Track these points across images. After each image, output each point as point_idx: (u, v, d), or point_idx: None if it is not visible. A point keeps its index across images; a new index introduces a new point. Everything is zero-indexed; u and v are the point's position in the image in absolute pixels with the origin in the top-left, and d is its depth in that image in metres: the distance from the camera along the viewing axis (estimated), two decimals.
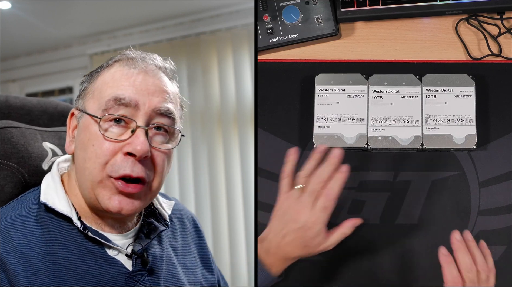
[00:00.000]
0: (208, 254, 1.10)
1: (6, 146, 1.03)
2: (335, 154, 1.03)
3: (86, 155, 0.89)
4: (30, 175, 1.04)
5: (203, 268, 1.08)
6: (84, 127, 0.91)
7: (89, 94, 0.93)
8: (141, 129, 0.88)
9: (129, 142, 0.87)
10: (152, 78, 0.92)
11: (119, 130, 0.89)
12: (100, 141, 0.88)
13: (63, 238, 0.89)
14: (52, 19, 3.05)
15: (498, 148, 1.18)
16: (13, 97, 1.16)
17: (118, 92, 0.89)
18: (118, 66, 0.93)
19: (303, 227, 1.01)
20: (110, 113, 0.88)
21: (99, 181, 0.88)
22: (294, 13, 1.24)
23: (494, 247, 1.14)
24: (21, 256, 0.84)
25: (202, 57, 3.04)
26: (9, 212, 0.91)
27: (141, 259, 0.92)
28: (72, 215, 0.90)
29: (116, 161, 0.87)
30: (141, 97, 0.89)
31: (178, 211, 1.11)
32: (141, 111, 0.89)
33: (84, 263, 0.88)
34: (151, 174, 0.90)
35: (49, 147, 1.05)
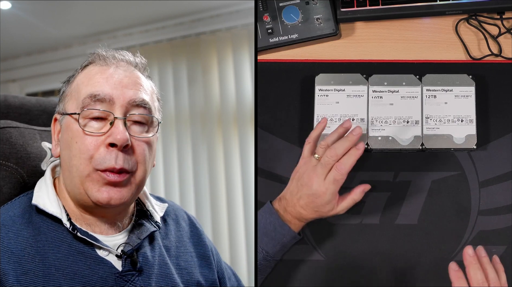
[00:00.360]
0: (207, 251, 1.11)
1: (4, 146, 1.03)
2: (356, 131, 1.08)
3: (71, 152, 0.92)
4: (29, 175, 1.04)
5: (201, 266, 1.08)
6: (66, 128, 0.94)
7: (68, 97, 0.97)
8: (119, 120, 0.92)
9: (109, 134, 0.91)
10: (125, 72, 0.96)
11: (98, 125, 0.92)
12: (82, 137, 0.91)
13: (54, 239, 0.91)
14: (52, 19, 3.05)
15: (498, 148, 1.18)
16: (12, 96, 1.15)
17: (93, 89, 0.93)
18: (91, 66, 0.98)
19: (314, 194, 1.07)
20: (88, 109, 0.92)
21: (87, 175, 0.91)
22: (294, 13, 1.24)
23: (494, 247, 1.14)
24: (11, 256, 0.86)
25: (202, 57, 3.04)
26: (2, 214, 0.93)
27: (131, 259, 0.94)
28: (62, 216, 0.92)
29: (100, 154, 0.91)
30: (115, 91, 0.93)
31: (173, 212, 1.12)
32: (117, 104, 0.93)
33: (74, 263, 0.89)
34: (133, 164, 0.93)
35: (47, 147, 1.05)
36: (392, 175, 1.18)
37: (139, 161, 0.94)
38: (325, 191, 1.06)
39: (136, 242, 0.96)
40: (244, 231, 2.87)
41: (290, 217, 1.10)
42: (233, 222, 2.90)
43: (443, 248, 1.15)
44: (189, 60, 3.09)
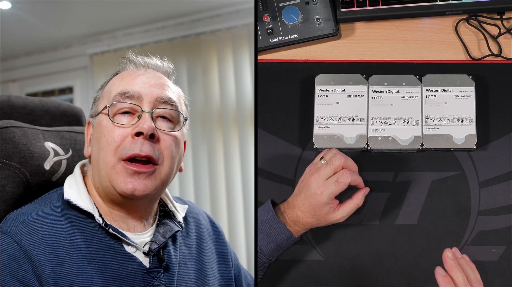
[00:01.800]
0: (225, 249, 1.15)
1: (8, 145, 1.04)
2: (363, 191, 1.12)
3: (100, 146, 0.96)
4: (32, 174, 1.05)
5: (219, 263, 1.12)
6: (97, 126, 0.99)
7: (100, 99, 1.02)
8: (146, 113, 0.96)
9: (136, 125, 0.95)
10: (154, 75, 1.02)
11: (127, 119, 0.96)
12: (110, 130, 0.96)
13: (86, 233, 0.94)
14: (52, 19, 3.05)
15: (498, 148, 1.18)
16: (15, 97, 1.16)
17: (123, 88, 0.98)
18: (123, 72, 1.04)
19: (312, 194, 1.07)
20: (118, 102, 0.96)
21: (112, 166, 0.95)
22: (294, 14, 1.24)
23: (494, 247, 1.14)
24: (46, 248, 0.90)
25: (202, 57, 3.05)
26: (34, 208, 0.96)
27: (157, 257, 0.98)
28: (94, 212, 0.96)
29: (126, 144, 0.95)
30: (143, 89, 0.98)
31: (194, 211, 1.16)
32: (145, 100, 0.97)
33: (105, 258, 0.93)
34: (160, 155, 0.96)
35: (51, 147, 1.07)
36: (392, 175, 1.18)
37: (165, 154, 0.97)
38: (323, 191, 1.06)
39: (162, 241, 1.00)
40: (244, 231, 2.87)
41: (288, 219, 1.10)
42: (233, 222, 2.90)
43: (443, 248, 1.15)
44: (189, 60, 3.09)
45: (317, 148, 1.18)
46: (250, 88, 2.91)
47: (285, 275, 1.16)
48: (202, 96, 3.02)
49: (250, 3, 2.79)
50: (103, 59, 3.33)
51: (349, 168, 1.09)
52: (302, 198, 1.08)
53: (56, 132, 1.12)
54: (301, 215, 1.09)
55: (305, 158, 1.19)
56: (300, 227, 1.10)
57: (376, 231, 1.17)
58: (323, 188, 1.07)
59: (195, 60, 3.07)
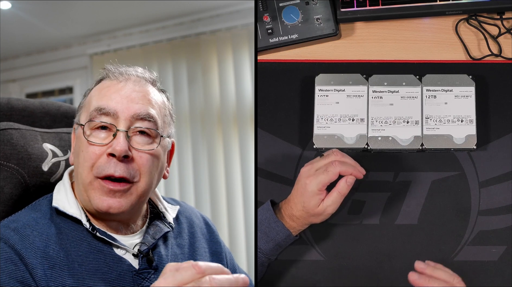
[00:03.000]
0: (219, 248, 1.15)
1: (5, 147, 1.04)
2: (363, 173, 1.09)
3: (78, 161, 0.98)
4: (30, 175, 1.05)
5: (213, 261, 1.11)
6: (77, 138, 1.00)
7: (82, 109, 1.02)
8: (121, 132, 0.96)
9: (110, 145, 0.95)
10: (133, 87, 1.00)
11: (104, 135, 0.97)
12: (87, 146, 0.96)
13: (75, 238, 0.95)
14: (52, 19, 3.05)
15: (498, 148, 1.18)
16: (15, 99, 1.16)
17: (100, 103, 0.98)
18: (104, 81, 1.03)
19: (302, 186, 1.07)
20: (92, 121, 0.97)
21: (88, 182, 0.96)
22: (294, 14, 1.24)
23: (494, 247, 1.14)
24: (37, 252, 0.91)
25: (202, 57, 3.05)
26: (24, 216, 0.98)
27: (147, 258, 0.98)
28: (81, 217, 0.97)
29: (100, 163, 0.95)
30: (120, 105, 0.97)
31: (187, 210, 1.16)
32: (121, 118, 0.96)
33: (94, 261, 0.94)
34: (136, 174, 0.96)
35: (49, 148, 1.08)
36: (392, 175, 1.18)
37: (141, 171, 0.97)
38: (312, 180, 1.06)
39: (151, 242, 1.00)
40: (244, 231, 2.87)
41: (285, 216, 1.10)
42: (233, 222, 2.90)
43: (443, 248, 1.15)
44: (189, 60, 3.09)
45: (317, 148, 1.18)
46: (250, 88, 2.91)
47: (285, 275, 1.16)
48: (202, 96, 3.02)
49: (250, 3, 2.79)
50: (103, 59, 3.33)
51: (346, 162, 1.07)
52: (295, 190, 1.09)
53: (55, 134, 1.12)
54: (294, 208, 1.09)
55: (305, 158, 1.19)
56: (296, 222, 1.10)
57: (376, 231, 1.17)
58: (312, 177, 1.06)
59: (195, 60, 3.07)
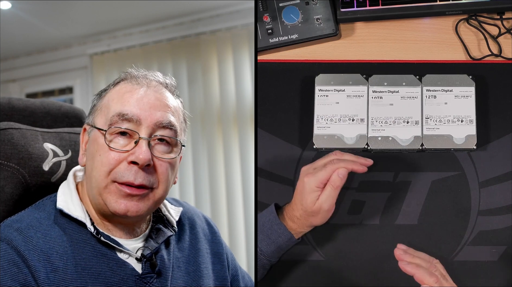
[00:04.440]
0: (221, 249, 1.15)
1: (6, 147, 1.04)
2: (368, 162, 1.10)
3: (93, 164, 0.96)
4: (31, 175, 1.05)
5: (214, 263, 1.12)
6: (93, 141, 0.98)
7: (98, 111, 1.00)
8: (143, 140, 0.95)
9: (132, 152, 0.94)
10: (155, 93, 0.99)
11: (124, 142, 0.95)
12: (106, 151, 0.95)
13: (78, 240, 0.95)
14: (52, 19, 3.05)
15: (498, 148, 1.18)
16: (16, 99, 1.16)
17: (122, 108, 0.96)
18: (123, 84, 1.01)
19: (300, 185, 1.08)
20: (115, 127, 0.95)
21: (104, 186, 0.95)
22: (294, 14, 1.24)
23: (494, 247, 1.14)
24: (40, 254, 0.90)
25: (202, 57, 3.05)
26: (28, 216, 0.97)
27: (150, 263, 0.98)
28: (86, 220, 0.96)
29: (120, 169, 0.94)
30: (143, 112, 0.96)
31: (189, 211, 1.16)
32: (143, 125, 0.95)
33: (97, 265, 0.93)
34: (154, 181, 0.96)
35: (50, 148, 1.08)
36: (392, 175, 1.18)
37: (160, 179, 0.97)
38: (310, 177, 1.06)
39: (154, 246, 1.00)
40: (244, 231, 2.87)
41: (288, 219, 1.10)
42: (233, 222, 2.90)
43: (443, 248, 1.16)
44: (189, 60, 3.09)
45: (317, 148, 1.18)
46: (250, 88, 2.91)
47: (285, 275, 1.16)
48: (202, 96, 3.02)
49: (250, 3, 2.79)
50: (103, 59, 3.33)
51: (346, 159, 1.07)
52: (295, 190, 1.09)
53: (56, 134, 1.12)
54: (295, 208, 1.09)
55: (305, 158, 1.19)
56: (297, 224, 1.10)
57: (376, 231, 1.17)
58: (310, 175, 1.06)
59: (195, 60, 3.07)
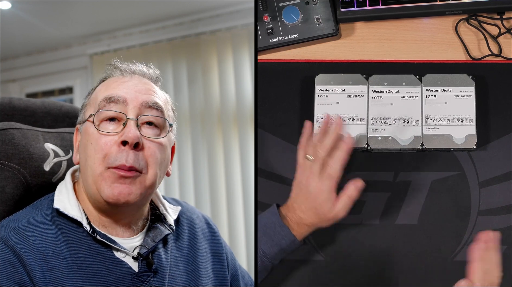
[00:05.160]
0: (220, 249, 1.14)
1: (7, 147, 1.04)
2: (336, 122, 1.10)
3: (87, 154, 0.97)
4: (32, 175, 1.05)
5: (214, 262, 1.12)
6: (84, 133, 0.99)
7: (87, 106, 1.02)
8: (131, 121, 0.96)
9: (122, 133, 0.95)
10: (139, 81, 1.02)
11: (113, 126, 0.97)
12: (97, 138, 0.96)
13: (75, 239, 0.95)
14: (52, 19, 3.05)
15: (498, 148, 1.18)
16: (17, 99, 1.16)
17: (108, 93, 0.99)
18: (109, 79, 1.04)
19: (312, 194, 1.07)
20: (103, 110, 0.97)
21: (99, 173, 0.95)
22: (294, 13, 1.24)
23: None
24: (37, 253, 0.91)
25: (202, 57, 3.05)
26: (25, 215, 0.98)
27: (147, 261, 0.98)
28: (82, 219, 0.96)
29: (112, 153, 0.95)
30: (129, 95, 0.98)
31: (188, 211, 1.16)
32: (129, 105, 0.97)
33: (94, 263, 0.94)
34: (144, 164, 0.97)
35: (50, 148, 1.08)
36: (392, 175, 1.18)
37: (149, 162, 0.97)
38: (322, 188, 1.07)
39: (151, 245, 1.00)
40: (244, 231, 2.87)
41: (291, 222, 1.10)
42: (233, 222, 2.90)
43: (443, 248, 1.16)
44: (189, 60, 3.09)
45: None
46: (250, 88, 2.91)
47: (285, 275, 1.16)
48: (202, 96, 3.02)
49: (250, 3, 2.79)
50: (103, 59, 3.33)
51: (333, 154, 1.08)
52: (302, 200, 1.08)
53: (57, 134, 1.12)
54: (304, 216, 1.09)
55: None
56: (305, 229, 1.10)
57: (376, 231, 1.17)
58: (321, 184, 1.07)
59: (195, 60, 3.07)
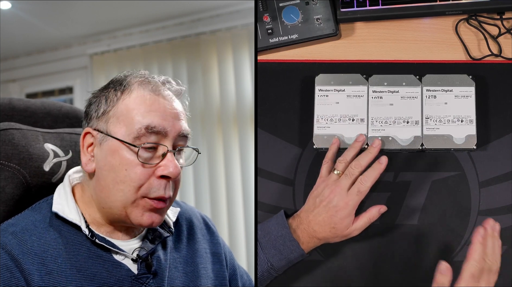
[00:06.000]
0: (219, 249, 1.15)
1: (7, 147, 1.04)
2: (376, 144, 1.13)
3: (118, 177, 0.94)
4: (31, 176, 1.05)
5: (214, 262, 1.12)
6: (112, 151, 0.95)
7: (113, 119, 0.96)
8: (171, 153, 0.96)
9: (161, 165, 0.95)
10: (170, 101, 0.99)
11: (148, 155, 0.95)
12: (134, 166, 0.94)
13: (74, 243, 0.95)
14: (52, 19, 3.05)
15: (498, 148, 1.18)
16: (16, 99, 1.16)
17: (149, 121, 0.94)
18: (140, 90, 0.97)
19: (335, 207, 1.08)
20: (148, 142, 0.94)
21: (132, 201, 0.95)
22: (294, 14, 1.24)
23: None
24: (35, 257, 0.90)
25: (202, 57, 3.05)
26: (24, 219, 0.97)
27: (146, 263, 0.98)
28: (81, 223, 0.96)
29: (151, 184, 0.94)
30: (168, 123, 0.96)
31: (187, 212, 1.16)
32: (169, 136, 0.96)
33: (93, 266, 0.94)
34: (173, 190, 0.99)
35: (50, 148, 1.08)
36: (392, 175, 1.18)
37: (176, 187, 0.99)
38: (347, 202, 1.08)
39: (150, 247, 1.00)
40: (244, 231, 2.87)
41: (302, 235, 1.09)
42: (233, 222, 2.90)
43: (443, 248, 1.15)
44: (189, 60, 3.09)
45: (317, 148, 1.18)
46: (250, 88, 2.91)
47: (285, 275, 1.16)
48: (202, 96, 3.02)
49: (250, 3, 2.79)
50: (103, 59, 3.34)
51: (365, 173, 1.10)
52: (321, 212, 1.08)
53: (57, 134, 1.12)
54: (319, 230, 1.08)
55: (305, 158, 1.19)
56: (314, 242, 1.10)
57: (376, 230, 1.17)
58: (347, 199, 1.08)
59: (195, 60, 3.07)
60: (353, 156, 1.12)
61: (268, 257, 1.08)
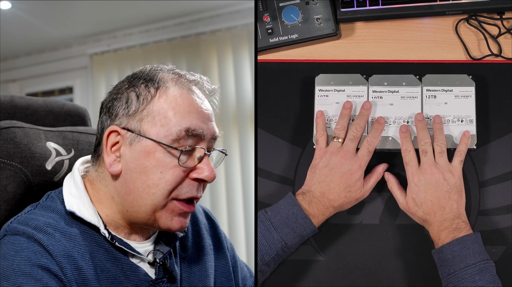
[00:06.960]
0: (223, 244, 1.14)
1: (9, 145, 1.03)
2: (367, 105, 1.16)
3: (150, 180, 0.91)
4: (33, 174, 1.05)
5: (218, 258, 1.11)
6: (146, 153, 0.91)
7: (149, 118, 0.91)
8: (207, 156, 0.94)
9: (197, 168, 0.93)
10: (203, 101, 0.97)
11: (184, 157, 0.92)
12: (171, 168, 0.91)
13: (93, 243, 0.92)
14: (52, 19, 3.06)
15: (498, 148, 1.18)
16: (18, 97, 1.16)
17: (189, 124, 0.92)
18: (174, 89, 0.94)
19: (349, 171, 1.11)
20: (190, 146, 0.92)
21: (163, 205, 0.92)
22: (294, 13, 1.24)
23: (494, 247, 1.14)
24: (64, 250, 0.87)
25: (202, 57, 3.05)
26: (41, 215, 0.92)
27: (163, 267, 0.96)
28: (99, 224, 0.93)
29: (183, 186, 0.92)
30: (205, 125, 0.94)
31: None
32: (205, 139, 0.94)
33: (112, 268, 0.91)
34: None
35: (52, 147, 1.07)
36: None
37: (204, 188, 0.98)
38: (360, 164, 1.11)
39: (166, 249, 0.99)
40: (244, 231, 2.88)
41: (317, 208, 1.10)
42: (233, 222, 2.90)
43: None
44: (189, 60, 3.09)
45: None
46: (250, 88, 2.91)
47: (285, 276, 1.16)
48: None
49: (250, 3, 2.79)
50: (103, 59, 3.34)
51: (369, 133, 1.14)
52: (334, 179, 1.10)
53: (59, 133, 1.12)
54: (334, 197, 1.10)
55: (305, 157, 1.19)
56: (330, 212, 1.11)
57: (376, 231, 1.17)
58: (360, 161, 1.11)
59: (195, 60, 3.07)
60: (348, 122, 1.15)
61: (281, 235, 1.09)
